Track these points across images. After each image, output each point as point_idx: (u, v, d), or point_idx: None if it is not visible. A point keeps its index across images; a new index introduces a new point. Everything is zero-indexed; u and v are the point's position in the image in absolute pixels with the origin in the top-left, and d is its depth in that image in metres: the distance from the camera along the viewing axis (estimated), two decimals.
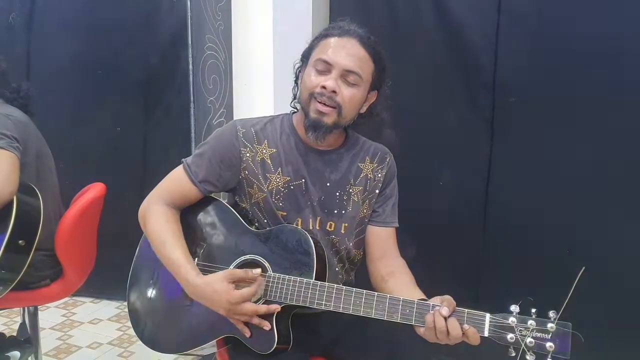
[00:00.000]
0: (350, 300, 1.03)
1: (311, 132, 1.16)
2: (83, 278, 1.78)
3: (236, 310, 1.06)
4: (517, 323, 0.91)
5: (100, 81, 2.63)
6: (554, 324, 0.89)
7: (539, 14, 1.84)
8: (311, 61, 1.17)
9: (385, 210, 1.29)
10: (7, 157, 1.46)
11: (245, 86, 2.34)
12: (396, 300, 1.00)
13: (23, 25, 2.70)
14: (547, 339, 0.89)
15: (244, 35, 2.30)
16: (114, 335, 2.45)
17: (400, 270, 1.21)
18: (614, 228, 1.77)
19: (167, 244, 1.16)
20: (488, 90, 1.94)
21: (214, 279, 1.09)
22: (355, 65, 1.13)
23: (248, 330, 1.09)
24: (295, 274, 1.09)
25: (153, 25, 2.51)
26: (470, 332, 0.94)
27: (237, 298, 1.05)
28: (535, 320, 0.90)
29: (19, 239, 1.45)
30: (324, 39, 1.17)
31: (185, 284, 1.13)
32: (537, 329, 0.90)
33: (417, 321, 0.98)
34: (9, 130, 1.51)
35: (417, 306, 0.99)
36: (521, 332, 0.90)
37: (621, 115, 1.75)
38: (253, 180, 1.22)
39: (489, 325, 0.93)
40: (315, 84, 1.13)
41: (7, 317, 2.53)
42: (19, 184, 1.46)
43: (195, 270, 1.13)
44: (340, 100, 1.13)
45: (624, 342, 1.79)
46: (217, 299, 1.07)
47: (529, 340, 0.89)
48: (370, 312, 1.01)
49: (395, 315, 0.99)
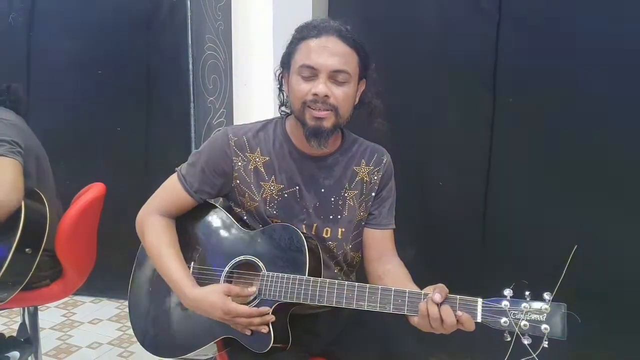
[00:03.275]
0: (343, 293, 1.03)
1: (313, 140, 1.13)
2: (83, 278, 1.78)
3: (232, 322, 1.08)
4: (510, 307, 0.89)
5: (100, 81, 2.63)
6: (548, 305, 0.87)
7: (539, 14, 1.84)
8: (294, 68, 1.13)
9: (381, 213, 1.27)
10: (10, 165, 1.42)
11: (245, 86, 2.34)
12: (388, 290, 1.00)
13: (23, 25, 2.70)
14: (542, 320, 0.87)
15: (244, 35, 2.30)
16: (114, 335, 2.45)
17: (396, 269, 1.21)
18: (614, 228, 1.77)
19: (163, 256, 1.17)
20: (488, 90, 1.94)
21: (209, 290, 1.10)
22: (341, 63, 1.10)
23: (248, 330, 1.09)
24: (288, 271, 1.10)
25: (153, 25, 2.52)
26: (464, 318, 0.93)
27: (232, 311, 1.06)
28: (529, 302, 0.89)
29: (26, 247, 1.44)
30: (302, 42, 1.13)
31: (182, 296, 1.15)
32: (531, 311, 0.88)
33: (409, 311, 0.97)
34: (9, 136, 1.48)
35: (409, 295, 0.98)
36: (515, 316, 0.89)
37: (621, 115, 1.74)
38: (244, 190, 1.21)
39: (482, 310, 0.92)
40: (305, 92, 1.11)
41: (7, 317, 2.53)
42: (24, 190, 1.44)
43: (191, 282, 1.14)
44: (334, 102, 1.11)
45: (624, 342, 1.79)
46: (211, 312, 1.09)
47: (524, 323, 0.88)
48: (363, 305, 1.01)
49: (387, 306, 0.99)
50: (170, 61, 2.45)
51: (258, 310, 1.07)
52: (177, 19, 2.35)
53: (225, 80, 2.35)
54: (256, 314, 1.07)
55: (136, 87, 2.60)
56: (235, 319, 1.07)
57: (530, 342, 0.87)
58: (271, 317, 1.07)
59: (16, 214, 1.41)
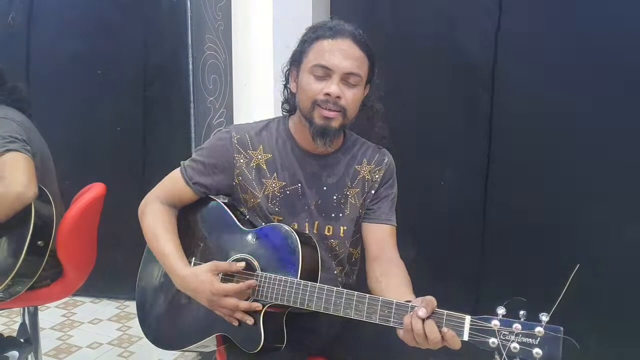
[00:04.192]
0: (331, 300, 1.02)
1: (319, 139, 1.14)
2: (83, 278, 1.78)
3: (219, 302, 1.07)
4: (501, 327, 0.83)
5: (100, 81, 2.63)
6: (543, 329, 0.80)
7: (539, 14, 1.84)
8: (306, 66, 1.14)
9: (380, 207, 1.27)
10: (25, 160, 1.47)
11: (245, 86, 2.33)
12: (375, 300, 0.97)
13: (23, 25, 2.70)
14: (534, 344, 0.80)
15: (244, 35, 2.30)
16: (114, 335, 2.46)
17: (395, 272, 1.17)
18: (614, 228, 1.77)
19: (160, 239, 1.20)
20: (487, 90, 1.94)
21: (199, 270, 1.11)
22: (354, 66, 1.12)
23: (236, 320, 1.09)
24: (281, 273, 1.09)
25: (153, 25, 2.52)
26: (448, 335, 0.88)
27: (220, 290, 1.06)
28: (522, 323, 0.82)
29: (38, 240, 1.48)
30: (316, 41, 1.14)
31: (173, 276, 1.16)
32: (523, 333, 0.82)
33: (395, 323, 0.93)
34: (19, 134, 1.52)
35: (396, 307, 0.94)
36: (505, 337, 0.83)
37: (621, 115, 1.75)
38: (247, 187, 1.22)
39: (469, 328, 0.86)
40: (316, 91, 1.12)
41: (7, 317, 2.53)
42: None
43: (183, 262, 1.16)
44: (344, 104, 1.13)
45: (624, 342, 1.79)
46: (200, 289, 1.09)
47: (514, 345, 0.81)
48: (350, 313, 0.99)
49: (373, 316, 0.95)
50: (170, 61, 2.45)
51: (249, 304, 1.07)
52: (177, 19, 2.35)
53: (225, 80, 2.34)
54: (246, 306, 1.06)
55: (136, 87, 2.61)
56: (222, 300, 1.06)
57: None
58: (257, 304, 1.07)
59: (27, 207, 1.46)
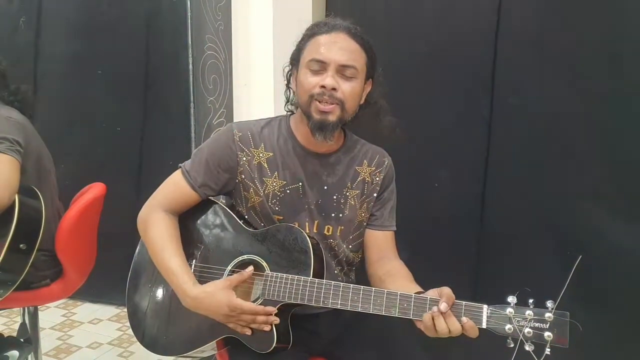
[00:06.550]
0: (348, 296, 1.03)
1: (318, 133, 1.14)
2: (83, 278, 1.78)
3: (237, 318, 1.07)
4: (515, 314, 0.92)
5: (100, 81, 2.63)
6: (552, 314, 0.90)
7: (538, 14, 1.84)
8: (303, 62, 1.15)
9: (383, 214, 1.29)
10: (7, 161, 1.45)
11: (245, 86, 2.34)
12: (394, 294, 1.00)
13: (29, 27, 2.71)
14: (545, 328, 0.90)
15: (244, 35, 2.30)
16: (114, 335, 2.46)
17: (397, 270, 1.21)
18: (614, 228, 1.77)
19: (165, 252, 1.16)
20: (487, 90, 1.94)
21: (213, 288, 1.09)
22: (349, 58, 1.12)
23: (249, 330, 1.09)
24: (293, 272, 1.09)
25: (153, 25, 2.51)
26: (468, 325, 0.94)
27: (237, 307, 1.05)
28: (533, 310, 0.91)
29: (20, 243, 1.44)
30: (312, 38, 1.16)
31: (182, 295, 1.12)
32: (534, 319, 0.91)
33: (415, 315, 0.98)
34: (10, 134, 1.51)
35: (415, 301, 0.99)
36: (519, 323, 0.91)
37: (621, 115, 1.74)
38: (249, 184, 1.22)
39: (487, 316, 0.94)
40: (313, 85, 1.12)
41: (7, 317, 2.53)
42: (19, 186, 1.46)
43: (191, 280, 1.12)
44: (341, 96, 1.13)
45: (624, 342, 1.79)
46: (214, 307, 1.08)
47: (527, 330, 0.90)
48: (368, 308, 1.01)
49: (393, 310, 0.99)
50: (170, 61, 2.45)
51: (264, 308, 1.07)
52: (177, 19, 2.35)
53: (225, 80, 2.34)
54: (262, 312, 1.06)
55: (136, 87, 2.60)
56: (240, 315, 1.06)
57: (533, 348, 0.90)
58: (275, 318, 1.07)
59: (10, 209, 1.43)
